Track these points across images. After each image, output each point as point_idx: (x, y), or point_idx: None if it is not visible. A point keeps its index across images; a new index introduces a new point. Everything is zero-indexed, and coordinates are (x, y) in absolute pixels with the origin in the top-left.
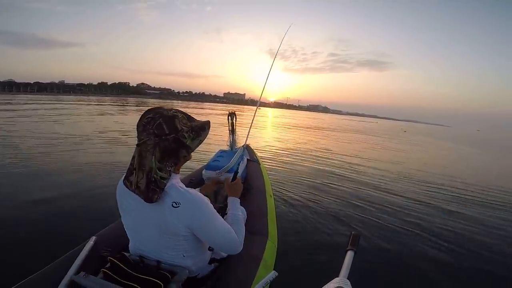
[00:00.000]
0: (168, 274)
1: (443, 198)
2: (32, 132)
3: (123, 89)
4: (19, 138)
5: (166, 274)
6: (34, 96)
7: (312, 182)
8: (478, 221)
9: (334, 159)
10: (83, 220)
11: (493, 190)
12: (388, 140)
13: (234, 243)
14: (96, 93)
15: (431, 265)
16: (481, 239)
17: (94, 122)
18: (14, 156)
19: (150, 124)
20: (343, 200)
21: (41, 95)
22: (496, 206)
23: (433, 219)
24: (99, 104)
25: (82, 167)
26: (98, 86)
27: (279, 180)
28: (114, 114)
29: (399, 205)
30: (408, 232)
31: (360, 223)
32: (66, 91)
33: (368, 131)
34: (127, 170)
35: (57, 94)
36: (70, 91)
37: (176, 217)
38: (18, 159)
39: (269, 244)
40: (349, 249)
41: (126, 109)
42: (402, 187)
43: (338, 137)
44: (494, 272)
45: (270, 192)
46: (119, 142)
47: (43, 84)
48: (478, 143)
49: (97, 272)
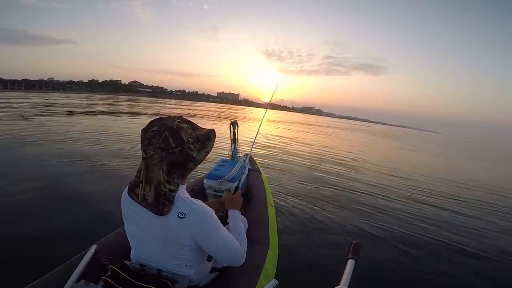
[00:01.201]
0: (169, 283)
1: (446, 205)
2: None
3: (114, 87)
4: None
5: (167, 282)
6: (20, 94)
7: (313, 191)
8: (485, 227)
9: (335, 168)
10: (83, 228)
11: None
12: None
13: (238, 253)
14: (86, 91)
15: (432, 274)
16: (488, 245)
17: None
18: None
19: (155, 138)
20: (344, 209)
21: (29, 92)
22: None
23: (435, 227)
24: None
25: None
26: (89, 84)
27: (280, 189)
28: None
29: (400, 213)
30: (410, 241)
31: (361, 231)
32: (56, 88)
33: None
34: (132, 183)
35: (46, 92)
36: (59, 89)
37: (182, 227)
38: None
39: (270, 253)
40: (349, 257)
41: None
42: (403, 194)
43: (336, 141)
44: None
45: (271, 201)
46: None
47: (32, 81)
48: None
49: (98, 280)
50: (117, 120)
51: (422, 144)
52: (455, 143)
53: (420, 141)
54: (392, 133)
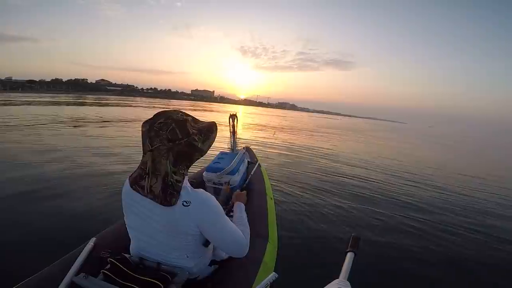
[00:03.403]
0: (168, 275)
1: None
2: None
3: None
4: None
5: (166, 275)
6: None
7: (312, 183)
8: (486, 219)
9: (333, 160)
10: (82, 221)
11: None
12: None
13: (242, 243)
14: (49, 91)
15: (432, 266)
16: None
17: None
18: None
19: (163, 130)
20: (344, 202)
21: None
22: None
23: (434, 219)
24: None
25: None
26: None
27: (280, 181)
28: None
29: (399, 206)
30: (410, 233)
31: (360, 224)
32: (14, 88)
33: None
34: (135, 175)
35: (2, 92)
36: (18, 88)
37: (187, 215)
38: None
39: (269, 246)
40: (349, 250)
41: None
42: (401, 186)
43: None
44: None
45: (271, 194)
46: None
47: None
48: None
49: (97, 274)
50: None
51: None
52: (402, 129)
53: (385, 131)
54: (361, 126)
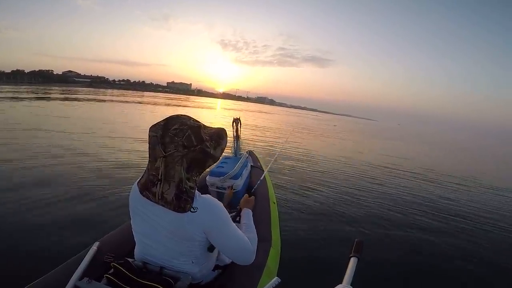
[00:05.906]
0: (171, 280)
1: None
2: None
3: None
4: None
5: (169, 279)
6: None
7: (316, 188)
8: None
9: (336, 164)
10: (86, 226)
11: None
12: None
13: (247, 250)
14: (9, 82)
15: (436, 272)
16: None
17: None
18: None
19: (178, 136)
20: (347, 207)
21: None
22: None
23: (438, 225)
24: None
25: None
26: (12, 74)
27: (283, 186)
28: None
29: (402, 211)
30: (413, 238)
31: (364, 229)
32: None
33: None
34: (144, 181)
35: None
36: None
37: (194, 221)
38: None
39: (272, 250)
40: (352, 255)
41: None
42: (407, 191)
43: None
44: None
45: (274, 198)
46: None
47: None
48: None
49: (101, 278)
50: None
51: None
52: (372, 127)
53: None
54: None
